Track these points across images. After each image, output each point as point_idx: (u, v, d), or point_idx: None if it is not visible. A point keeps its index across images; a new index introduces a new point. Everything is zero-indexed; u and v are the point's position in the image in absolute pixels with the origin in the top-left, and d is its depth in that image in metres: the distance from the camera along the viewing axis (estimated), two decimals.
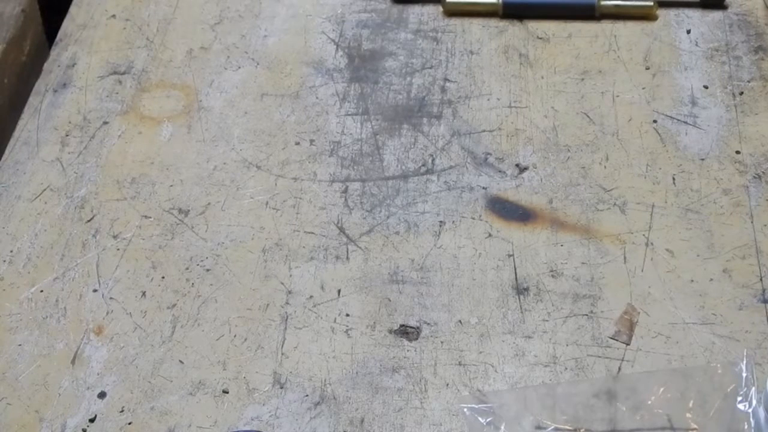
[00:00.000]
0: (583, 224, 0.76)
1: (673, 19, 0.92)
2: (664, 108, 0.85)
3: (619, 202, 0.78)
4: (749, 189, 0.78)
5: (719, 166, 0.80)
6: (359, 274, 0.74)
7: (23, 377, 0.68)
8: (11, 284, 0.74)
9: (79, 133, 0.84)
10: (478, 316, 0.71)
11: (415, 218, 0.77)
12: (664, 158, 0.81)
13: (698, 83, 0.86)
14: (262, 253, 0.75)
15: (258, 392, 0.67)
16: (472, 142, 0.82)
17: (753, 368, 0.66)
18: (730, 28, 0.91)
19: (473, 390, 0.67)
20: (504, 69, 0.88)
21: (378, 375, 0.68)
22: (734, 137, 0.82)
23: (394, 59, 0.89)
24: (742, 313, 0.71)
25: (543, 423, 0.64)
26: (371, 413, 0.66)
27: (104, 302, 0.73)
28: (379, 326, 0.71)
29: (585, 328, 0.70)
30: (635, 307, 0.71)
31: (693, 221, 0.76)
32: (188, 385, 0.68)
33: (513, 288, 0.73)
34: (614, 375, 0.67)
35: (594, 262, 0.74)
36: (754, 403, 0.64)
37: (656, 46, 0.90)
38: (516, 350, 0.69)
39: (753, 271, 0.73)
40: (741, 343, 0.69)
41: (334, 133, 0.83)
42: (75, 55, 0.91)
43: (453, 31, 0.92)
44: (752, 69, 0.87)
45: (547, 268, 0.74)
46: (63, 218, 0.78)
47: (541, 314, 0.71)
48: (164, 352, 0.70)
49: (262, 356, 0.69)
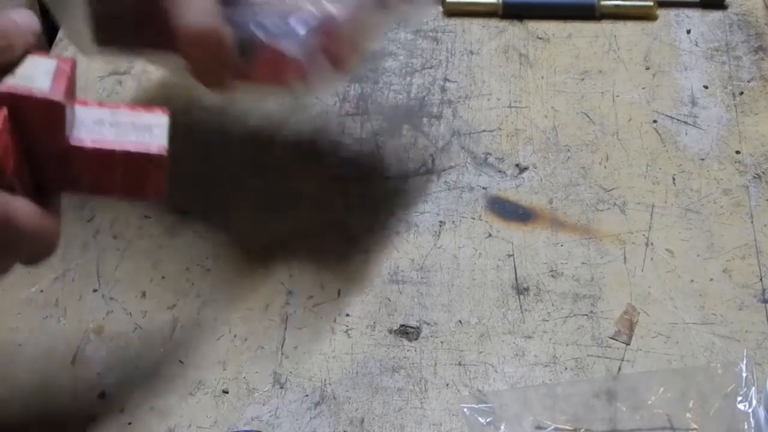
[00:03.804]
0: (583, 224, 0.76)
1: (673, 19, 0.92)
2: (664, 108, 0.85)
3: (619, 202, 0.78)
4: (749, 189, 0.78)
5: (719, 166, 0.80)
6: (359, 274, 0.74)
7: (24, 377, 0.68)
8: (11, 284, 0.73)
9: None
10: (478, 316, 0.71)
11: (415, 218, 0.77)
12: (664, 158, 0.81)
13: (698, 83, 0.86)
14: (262, 253, 0.75)
15: (258, 392, 0.67)
16: (472, 142, 0.82)
17: (753, 368, 0.66)
18: (730, 28, 0.91)
19: (473, 390, 0.67)
20: (504, 69, 0.88)
21: (378, 375, 0.68)
22: (734, 137, 0.82)
23: (394, 59, 0.89)
24: (742, 313, 0.71)
25: (543, 423, 0.64)
26: (371, 413, 0.66)
27: (104, 302, 0.73)
28: (379, 326, 0.71)
29: (585, 328, 0.70)
30: (635, 307, 0.71)
31: (693, 221, 0.76)
32: (188, 385, 0.68)
33: (513, 288, 0.73)
34: (614, 375, 0.67)
35: (594, 262, 0.74)
36: (754, 404, 0.64)
37: (656, 46, 0.90)
38: (516, 350, 0.69)
39: (753, 271, 0.73)
40: (741, 343, 0.69)
41: (335, 133, 0.83)
42: (75, 55, 0.91)
43: (453, 31, 0.92)
44: (752, 69, 0.87)
45: (547, 268, 0.74)
46: (63, 218, 0.77)
47: (541, 314, 0.71)
48: (164, 352, 0.70)
49: (262, 356, 0.69)
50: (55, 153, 0.57)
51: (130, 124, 0.59)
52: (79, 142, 0.57)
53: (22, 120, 0.55)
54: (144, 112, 0.60)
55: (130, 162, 0.58)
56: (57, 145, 0.57)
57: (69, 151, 0.57)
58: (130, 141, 0.58)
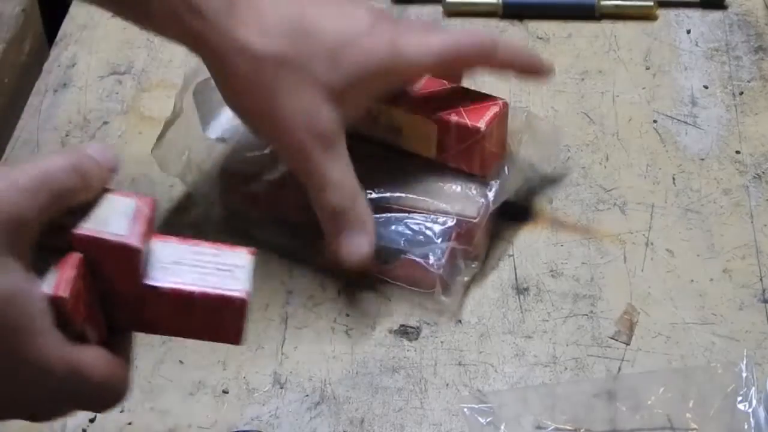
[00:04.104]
0: (583, 224, 0.76)
1: (673, 19, 0.92)
2: (664, 108, 0.85)
3: (619, 202, 0.78)
4: (749, 189, 0.78)
5: (719, 166, 0.80)
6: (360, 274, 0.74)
7: None
8: None
9: (80, 133, 0.84)
10: (478, 315, 0.71)
11: None
12: (664, 158, 0.81)
13: (698, 83, 0.86)
14: (262, 252, 0.75)
15: (258, 392, 0.67)
16: None
17: (753, 368, 0.66)
18: (730, 28, 0.91)
19: (473, 390, 0.67)
20: None
21: (378, 375, 0.68)
22: (734, 137, 0.82)
23: None
24: (742, 313, 0.71)
25: (543, 423, 0.64)
26: (371, 413, 0.66)
27: None
28: (379, 326, 0.71)
29: (585, 328, 0.70)
30: (635, 307, 0.71)
31: (693, 221, 0.76)
32: (188, 385, 0.68)
33: (513, 288, 0.73)
34: (614, 375, 0.67)
35: (594, 262, 0.74)
36: (754, 403, 0.64)
37: (656, 46, 0.90)
38: (516, 350, 0.69)
39: (753, 271, 0.73)
40: (741, 343, 0.69)
41: None
42: (75, 55, 0.91)
43: None
44: (752, 69, 0.87)
45: (547, 268, 0.74)
46: None
47: (541, 314, 0.71)
48: (164, 352, 0.70)
49: (262, 356, 0.69)
50: (130, 295, 0.54)
51: (212, 264, 0.55)
52: (156, 282, 0.54)
53: (97, 264, 0.52)
54: (227, 250, 0.56)
55: (209, 305, 0.54)
56: (132, 288, 0.54)
57: (145, 293, 0.54)
58: (210, 283, 0.54)
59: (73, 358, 0.51)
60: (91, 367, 0.52)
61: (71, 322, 0.51)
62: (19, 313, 0.49)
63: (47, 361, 0.50)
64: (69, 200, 0.52)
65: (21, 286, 0.49)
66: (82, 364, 0.52)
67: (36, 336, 0.50)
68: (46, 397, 0.52)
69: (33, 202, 0.50)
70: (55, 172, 0.51)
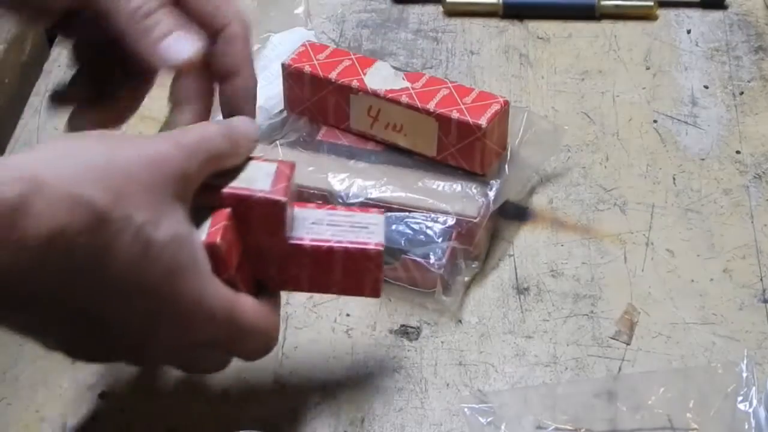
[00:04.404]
0: (583, 224, 0.76)
1: (673, 19, 0.92)
2: (665, 108, 0.85)
3: (620, 202, 0.78)
4: (749, 189, 0.78)
5: (719, 166, 0.80)
6: None
7: (24, 377, 0.68)
8: None
9: None
10: (478, 315, 0.71)
11: None
12: (664, 158, 0.81)
13: (698, 83, 0.86)
14: None
15: (258, 392, 0.67)
16: None
17: (753, 368, 0.66)
18: (730, 28, 0.91)
19: (473, 390, 0.67)
20: (504, 69, 0.88)
21: (378, 375, 0.68)
22: (734, 137, 0.82)
23: (395, 59, 0.89)
24: (742, 313, 0.71)
25: (543, 423, 0.64)
26: (371, 413, 0.66)
27: None
28: (379, 326, 0.71)
29: (585, 328, 0.70)
30: (635, 307, 0.71)
31: (693, 221, 0.76)
32: (188, 385, 0.68)
33: (513, 288, 0.73)
34: (614, 375, 0.67)
35: (594, 262, 0.74)
36: (754, 403, 0.64)
37: (656, 46, 0.90)
38: (516, 350, 0.69)
39: (753, 271, 0.73)
40: (741, 343, 0.69)
41: None
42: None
43: (453, 31, 0.92)
44: (752, 69, 0.88)
45: (548, 268, 0.74)
46: None
47: (541, 314, 0.71)
48: None
49: None
50: (275, 252, 0.59)
51: (347, 223, 0.61)
52: (298, 240, 0.59)
53: (244, 220, 0.57)
54: (360, 212, 0.62)
55: (348, 259, 0.60)
56: (277, 244, 0.58)
57: (289, 250, 0.59)
58: (347, 239, 0.60)
59: (231, 302, 0.55)
60: (245, 311, 0.56)
61: (225, 269, 0.55)
62: (187, 255, 0.52)
63: (210, 303, 0.53)
64: (221, 162, 0.56)
65: (188, 230, 0.53)
66: (237, 308, 0.55)
67: (200, 277, 0.53)
68: (205, 340, 0.55)
69: (193, 160, 0.54)
70: (211, 136, 0.56)
